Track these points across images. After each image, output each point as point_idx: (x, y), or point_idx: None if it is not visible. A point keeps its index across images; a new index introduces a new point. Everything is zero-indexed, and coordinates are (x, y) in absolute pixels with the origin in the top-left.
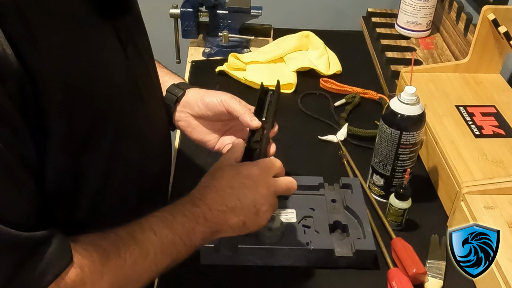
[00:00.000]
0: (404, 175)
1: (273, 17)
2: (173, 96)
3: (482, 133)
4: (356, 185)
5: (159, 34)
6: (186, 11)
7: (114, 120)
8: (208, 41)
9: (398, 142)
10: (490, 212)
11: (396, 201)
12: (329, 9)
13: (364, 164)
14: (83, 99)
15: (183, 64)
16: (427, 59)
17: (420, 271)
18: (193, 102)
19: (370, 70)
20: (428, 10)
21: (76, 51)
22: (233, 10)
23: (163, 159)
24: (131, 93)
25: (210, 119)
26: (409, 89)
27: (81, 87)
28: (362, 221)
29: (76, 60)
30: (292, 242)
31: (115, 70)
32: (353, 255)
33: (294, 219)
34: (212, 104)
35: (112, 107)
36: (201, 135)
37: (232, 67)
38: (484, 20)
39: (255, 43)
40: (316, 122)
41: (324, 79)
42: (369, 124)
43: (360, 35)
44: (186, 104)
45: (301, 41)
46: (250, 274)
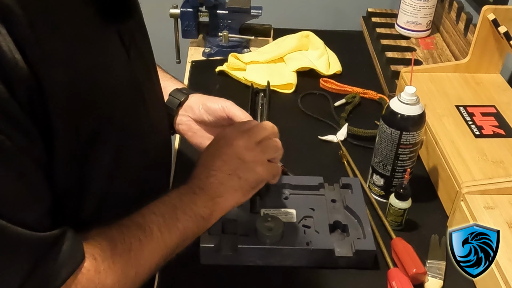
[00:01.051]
0: (404, 175)
1: (273, 17)
2: (176, 100)
3: (482, 133)
4: (356, 185)
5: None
6: (186, 11)
7: (118, 122)
8: (208, 41)
9: (398, 142)
10: (490, 212)
11: (396, 201)
12: (329, 9)
13: (364, 164)
14: (88, 102)
15: (183, 64)
16: (427, 59)
17: (420, 271)
18: (194, 106)
19: (370, 70)
20: (428, 10)
21: (81, 55)
22: (233, 10)
23: (164, 160)
24: (134, 95)
25: (210, 125)
26: (409, 89)
27: (86, 90)
28: (362, 221)
29: (81, 64)
30: (292, 242)
31: (119, 73)
32: (353, 255)
33: (294, 219)
34: (213, 109)
35: (116, 109)
36: (200, 140)
37: (232, 67)
38: (484, 20)
39: (255, 43)
40: (316, 122)
41: (324, 79)
42: (369, 124)
43: (360, 35)
44: (188, 108)
45: (301, 41)
46: (250, 274)
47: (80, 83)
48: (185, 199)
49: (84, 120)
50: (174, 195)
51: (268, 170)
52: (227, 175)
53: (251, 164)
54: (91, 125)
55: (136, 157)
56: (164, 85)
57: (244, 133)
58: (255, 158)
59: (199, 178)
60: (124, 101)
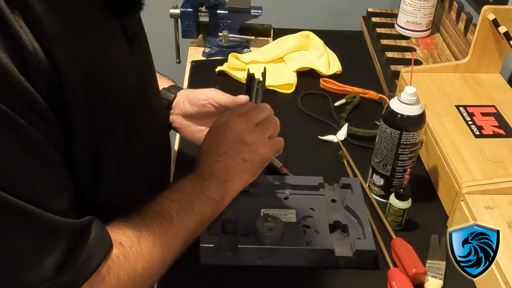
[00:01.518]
0: (404, 175)
1: (273, 17)
2: (165, 101)
3: (482, 133)
4: (356, 185)
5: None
6: (186, 11)
7: (126, 115)
8: (208, 41)
9: (398, 142)
10: (490, 212)
11: (396, 201)
12: (329, 9)
13: (364, 164)
14: (100, 95)
15: (183, 64)
16: (427, 59)
17: (420, 271)
18: (180, 103)
19: (370, 70)
20: (428, 10)
21: (91, 48)
22: (233, 10)
23: (165, 148)
24: (138, 88)
25: (197, 117)
26: (409, 89)
27: (98, 83)
28: (362, 221)
29: (92, 57)
30: (292, 242)
31: (125, 66)
32: (353, 255)
33: (294, 219)
34: (196, 100)
35: (124, 102)
36: (192, 134)
37: (232, 67)
38: (484, 20)
39: (255, 43)
40: (316, 122)
41: (324, 79)
42: (369, 124)
43: (360, 35)
44: (175, 106)
45: (301, 41)
46: (250, 274)
47: (93, 76)
48: (197, 185)
49: (98, 112)
50: (187, 182)
51: (271, 148)
52: (233, 159)
53: (254, 146)
54: (104, 117)
55: (142, 146)
56: None
57: (243, 117)
58: (256, 139)
59: (207, 165)
60: (131, 93)
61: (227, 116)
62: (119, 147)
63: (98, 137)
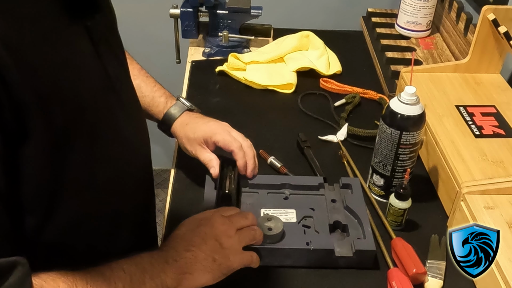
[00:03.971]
0: (404, 175)
1: (273, 17)
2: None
3: (482, 133)
4: (356, 185)
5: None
6: (186, 11)
7: (89, 118)
8: (208, 41)
9: (398, 142)
10: (490, 212)
11: (396, 201)
12: (329, 9)
13: (364, 164)
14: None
15: (183, 64)
16: (427, 59)
17: (420, 271)
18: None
19: (370, 70)
20: (428, 10)
21: (46, 53)
22: (233, 10)
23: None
24: (105, 90)
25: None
26: (409, 89)
27: (50, 83)
28: (362, 221)
29: (47, 62)
30: (292, 242)
31: (86, 69)
32: (353, 255)
33: (294, 219)
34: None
35: (85, 106)
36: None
37: (232, 67)
38: (484, 20)
39: (255, 43)
40: (316, 122)
41: (324, 79)
42: (369, 124)
43: (360, 35)
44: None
45: (301, 41)
46: (250, 274)
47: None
48: (156, 265)
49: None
50: (146, 258)
51: (240, 261)
52: (204, 254)
53: (227, 251)
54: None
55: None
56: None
57: (227, 219)
58: (231, 245)
59: (176, 250)
60: (94, 95)
61: (212, 214)
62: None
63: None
